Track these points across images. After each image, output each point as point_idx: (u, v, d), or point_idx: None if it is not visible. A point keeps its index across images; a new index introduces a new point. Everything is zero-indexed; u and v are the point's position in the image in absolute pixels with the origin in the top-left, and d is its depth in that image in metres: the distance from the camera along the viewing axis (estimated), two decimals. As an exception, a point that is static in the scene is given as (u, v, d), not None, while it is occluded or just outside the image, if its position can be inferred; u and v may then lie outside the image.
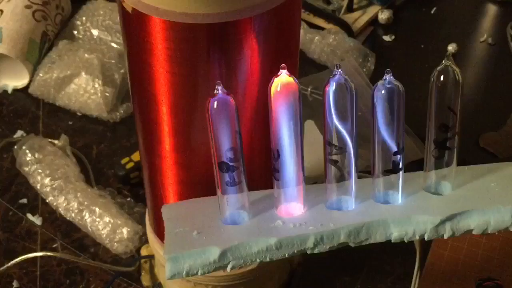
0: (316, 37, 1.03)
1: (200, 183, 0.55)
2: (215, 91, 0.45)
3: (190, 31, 0.46)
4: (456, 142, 0.49)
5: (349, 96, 0.46)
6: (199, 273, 0.47)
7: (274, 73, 0.45)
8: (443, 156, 0.49)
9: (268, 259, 0.48)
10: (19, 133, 0.91)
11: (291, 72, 0.47)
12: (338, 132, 0.47)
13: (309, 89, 0.94)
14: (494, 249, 0.73)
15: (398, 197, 0.50)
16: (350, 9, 1.10)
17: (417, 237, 0.49)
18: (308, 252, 0.48)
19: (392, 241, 0.49)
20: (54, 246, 0.77)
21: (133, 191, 0.83)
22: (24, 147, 0.83)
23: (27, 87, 0.96)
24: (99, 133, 0.91)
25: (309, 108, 0.92)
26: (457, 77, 0.47)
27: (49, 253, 0.74)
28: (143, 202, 0.80)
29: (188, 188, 0.57)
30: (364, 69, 0.99)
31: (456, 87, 0.47)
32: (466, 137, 0.91)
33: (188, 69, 0.48)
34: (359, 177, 0.50)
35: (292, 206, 0.50)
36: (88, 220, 0.77)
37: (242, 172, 0.48)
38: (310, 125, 0.90)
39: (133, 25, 0.48)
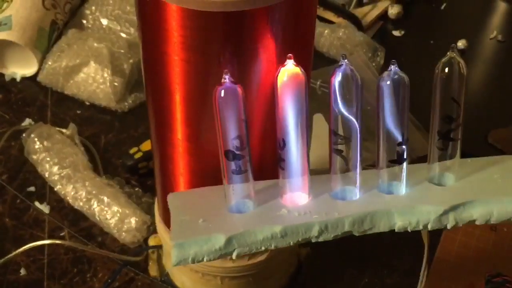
0: (326, 31, 1.02)
1: (211, 172, 0.55)
2: (223, 80, 0.45)
3: (206, 19, 0.46)
4: (459, 134, 0.50)
5: (355, 87, 0.46)
6: (204, 260, 0.47)
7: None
8: (447, 147, 0.50)
9: (273, 247, 0.48)
10: (27, 121, 0.90)
11: (305, 64, 0.47)
12: (343, 122, 0.47)
13: (318, 83, 0.93)
14: (503, 245, 0.73)
15: (402, 188, 0.51)
16: (360, 3, 1.10)
17: (421, 227, 0.49)
18: (313, 240, 0.49)
19: (396, 231, 0.49)
20: (61, 234, 0.77)
21: (141, 181, 0.83)
22: (32, 135, 0.83)
23: (35, 75, 0.96)
24: (107, 122, 0.91)
25: (317, 102, 0.92)
26: (461, 69, 0.47)
27: (57, 241, 0.74)
28: (151, 192, 0.80)
29: (199, 177, 0.57)
30: (374, 64, 0.99)
31: (461, 78, 0.48)
32: (475, 133, 0.91)
33: (203, 58, 0.48)
34: (365, 169, 0.51)
35: (297, 196, 0.50)
36: (96, 209, 0.77)
37: (248, 161, 0.48)
38: (318, 118, 0.90)
39: (149, 12, 0.48)
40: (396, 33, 1.09)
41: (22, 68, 0.97)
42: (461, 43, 1.05)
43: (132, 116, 0.92)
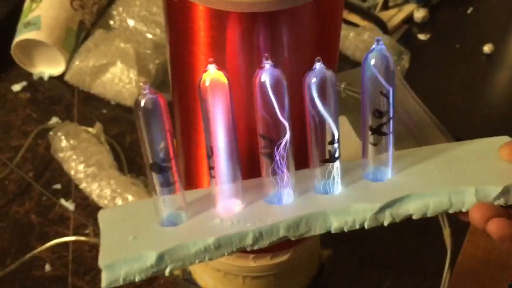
0: (351, 34, 1.02)
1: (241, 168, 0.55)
2: (144, 91, 0.43)
3: (233, 20, 0.46)
4: (391, 127, 0.48)
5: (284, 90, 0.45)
6: (136, 279, 0.45)
7: (313, 65, 0.45)
8: (381, 142, 0.48)
9: (207, 260, 0.46)
10: (54, 119, 0.92)
11: (330, 66, 0.46)
12: (275, 124, 0.45)
13: (342, 85, 0.93)
14: (527, 250, 0.72)
15: (337, 187, 0.49)
16: (385, 6, 1.10)
17: (357, 226, 0.48)
18: (248, 249, 0.47)
19: (332, 232, 0.48)
20: (86, 231, 0.78)
21: (165, 181, 0.83)
22: (59, 133, 0.85)
23: (63, 74, 0.97)
24: (133, 122, 0.91)
25: (342, 104, 0.92)
26: (388, 62, 0.46)
27: (81, 238, 0.75)
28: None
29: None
30: (398, 67, 0.99)
31: (388, 71, 0.46)
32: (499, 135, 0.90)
33: (229, 58, 0.49)
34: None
35: (231, 203, 0.48)
36: (120, 207, 0.77)
37: (177, 171, 0.46)
38: (342, 120, 0.90)
39: (177, 13, 0.49)
40: (421, 36, 1.08)
41: (50, 67, 0.98)
42: (487, 48, 1.05)
43: (157, 116, 0.92)
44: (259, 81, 0.44)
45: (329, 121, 0.46)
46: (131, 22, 1.02)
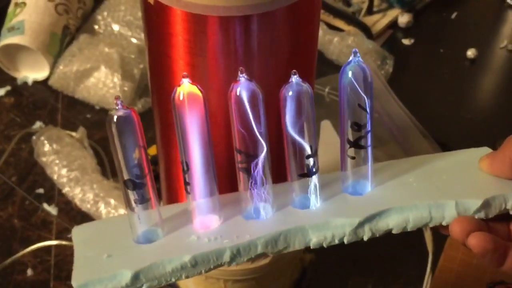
0: (335, 38, 1.03)
1: (219, 176, 0.55)
2: (116, 107, 0.43)
3: (209, 24, 0.46)
4: (370, 140, 0.47)
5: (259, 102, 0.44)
6: None
7: (290, 71, 0.45)
8: (359, 155, 0.48)
9: (184, 277, 0.45)
10: (38, 124, 0.92)
11: (308, 73, 0.46)
12: (251, 138, 0.45)
13: (326, 90, 0.94)
14: (507, 254, 0.73)
15: (316, 201, 0.48)
16: (370, 11, 1.10)
17: (337, 241, 0.47)
18: (226, 266, 0.46)
19: (312, 247, 0.47)
20: (69, 236, 0.78)
21: (149, 185, 0.83)
22: (42, 138, 0.84)
23: (47, 79, 0.97)
24: (117, 126, 0.92)
25: (326, 109, 0.93)
26: (366, 74, 0.45)
27: (63, 242, 0.75)
28: (159, 195, 0.80)
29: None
30: (382, 72, 0.99)
31: (366, 84, 0.45)
32: (483, 142, 0.90)
33: (207, 62, 0.49)
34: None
35: (208, 219, 0.47)
36: (103, 212, 0.77)
37: (152, 187, 0.46)
38: (326, 125, 0.90)
39: (155, 17, 0.49)
40: (405, 41, 1.09)
41: (34, 72, 0.98)
42: (471, 52, 1.06)
43: (141, 121, 0.92)
44: (235, 94, 0.44)
45: (305, 135, 0.45)
46: (115, 27, 1.02)
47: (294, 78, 0.44)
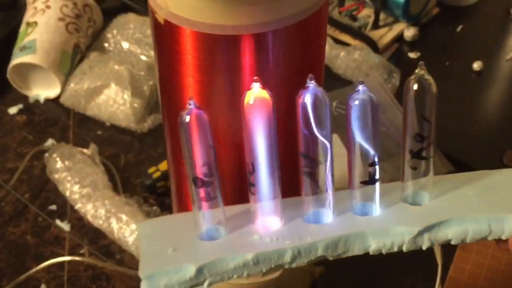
0: (342, 53, 1.04)
1: (225, 190, 0.56)
2: (188, 105, 0.44)
3: (218, 42, 0.48)
4: (432, 152, 0.49)
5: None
6: None
7: (300, 85, 0.46)
8: (420, 166, 0.49)
9: (245, 275, 0.47)
10: (50, 141, 0.93)
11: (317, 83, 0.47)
12: (316, 143, 0.47)
13: (334, 104, 0.95)
14: (516, 264, 0.73)
15: (376, 209, 0.50)
16: (376, 25, 1.11)
17: (396, 249, 0.48)
18: (286, 266, 0.47)
19: (371, 254, 0.48)
20: (81, 251, 0.79)
21: (159, 200, 0.84)
22: (54, 155, 0.86)
23: (58, 97, 0.99)
24: (127, 143, 0.93)
25: (334, 123, 0.93)
26: (430, 86, 0.47)
27: (76, 258, 0.76)
28: (169, 211, 0.82)
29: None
30: (389, 85, 1.00)
31: (430, 96, 0.47)
32: (490, 154, 0.91)
33: (217, 79, 0.50)
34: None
35: (269, 220, 0.49)
36: (115, 227, 0.78)
37: (218, 187, 0.47)
38: (334, 139, 0.91)
39: (165, 36, 0.50)
40: (411, 55, 1.10)
41: (45, 90, 1.00)
42: (477, 65, 1.06)
43: (151, 137, 0.94)
44: (302, 101, 0.45)
45: (370, 143, 0.47)
46: (125, 45, 1.04)
47: (361, 87, 0.46)
